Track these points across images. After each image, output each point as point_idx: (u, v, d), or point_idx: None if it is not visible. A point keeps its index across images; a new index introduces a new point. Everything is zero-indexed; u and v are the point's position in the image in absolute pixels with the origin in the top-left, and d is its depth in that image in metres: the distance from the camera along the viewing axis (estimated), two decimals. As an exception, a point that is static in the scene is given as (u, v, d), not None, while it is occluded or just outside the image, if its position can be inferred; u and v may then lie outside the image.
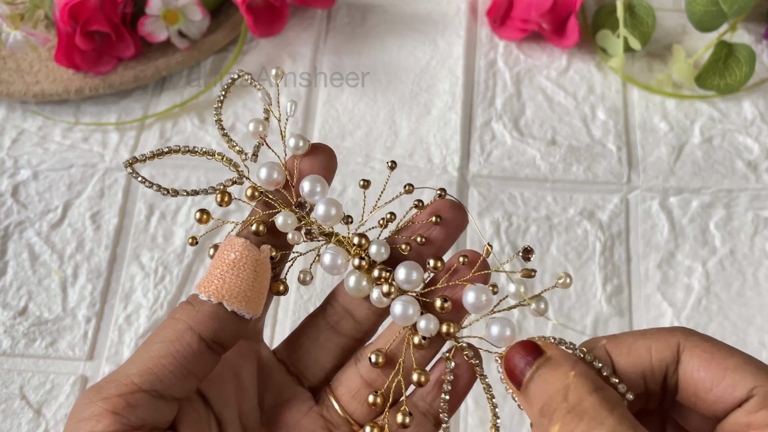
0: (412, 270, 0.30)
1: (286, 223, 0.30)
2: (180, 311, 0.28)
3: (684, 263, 0.55)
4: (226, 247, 0.29)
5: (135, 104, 0.62)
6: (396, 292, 0.30)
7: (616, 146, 0.59)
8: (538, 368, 0.27)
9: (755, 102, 0.61)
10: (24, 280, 0.54)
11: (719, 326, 0.52)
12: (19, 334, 0.52)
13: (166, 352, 0.27)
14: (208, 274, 0.28)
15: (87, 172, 0.59)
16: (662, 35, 0.65)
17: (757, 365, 0.26)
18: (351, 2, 0.67)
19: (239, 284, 0.28)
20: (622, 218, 0.57)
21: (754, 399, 0.25)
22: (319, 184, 0.30)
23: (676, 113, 0.61)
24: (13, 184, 0.58)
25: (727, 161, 0.59)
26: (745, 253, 0.55)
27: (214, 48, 0.63)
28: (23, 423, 0.50)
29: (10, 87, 0.60)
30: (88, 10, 0.57)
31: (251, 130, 0.32)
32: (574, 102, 0.61)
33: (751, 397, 0.25)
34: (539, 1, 0.61)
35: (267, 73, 0.63)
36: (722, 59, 0.60)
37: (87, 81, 0.60)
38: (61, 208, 0.57)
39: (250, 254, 0.29)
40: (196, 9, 0.60)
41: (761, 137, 0.59)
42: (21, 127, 0.61)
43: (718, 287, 0.54)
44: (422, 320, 0.30)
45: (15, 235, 0.56)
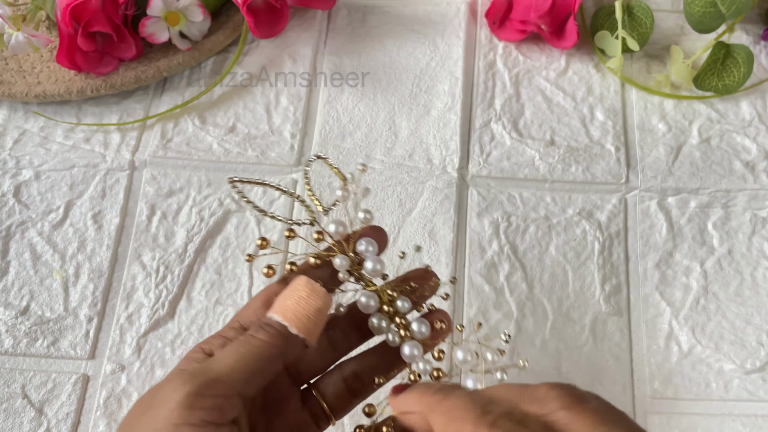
0: (422, 324, 0.39)
1: (342, 264, 0.39)
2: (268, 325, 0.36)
3: (682, 263, 0.54)
4: (309, 293, 0.36)
5: (136, 105, 0.62)
6: (408, 338, 0.39)
7: (615, 147, 0.59)
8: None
9: (753, 103, 0.61)
10: (26, 280, 0.54)
11: (717, 325, 0.52)
12: (21, 334, 0.52)
13: (263, 358, 0.34)
14: (284, 309, 0.36)
15: (89, 172, 0.58)
16: (660, 36, 0.65)
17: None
18: (351, 3, 0.67)
19: (317, 327, 0.36)
20: (620, 218, 0.56)
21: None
22: (372, 245, 0.40)
23: (675, 114, 0.61)
24: (15, 185, 0.58)
25: (725, 162, 0.58)
26: (743, 252, 0.55)
27: (215, 49, 0.63)
28: (25, 422, 0.50)
29: (11, 88, 0.60)
30: (89, 11, 0.57)
31: (337, 195, 0.41)
32: (572, 103, 0.61)
33: None
34: (538, 3, 0.60)
35: (267, 73, 0.63)
36: (720, 60, 0.60)
37: (89, 82, 0.60)
38: (63, 208, 0.57)
39: (329, 302, 0.37)
40: (197, 10, 0.60)
41: (759, 138, 0.59)
42: (23, 127, 0.60)
43: (716, 287, 0.53)
44: (421, 363, 0.39)
45: (17, 235, 0.56)
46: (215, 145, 0.59)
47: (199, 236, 0.56)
